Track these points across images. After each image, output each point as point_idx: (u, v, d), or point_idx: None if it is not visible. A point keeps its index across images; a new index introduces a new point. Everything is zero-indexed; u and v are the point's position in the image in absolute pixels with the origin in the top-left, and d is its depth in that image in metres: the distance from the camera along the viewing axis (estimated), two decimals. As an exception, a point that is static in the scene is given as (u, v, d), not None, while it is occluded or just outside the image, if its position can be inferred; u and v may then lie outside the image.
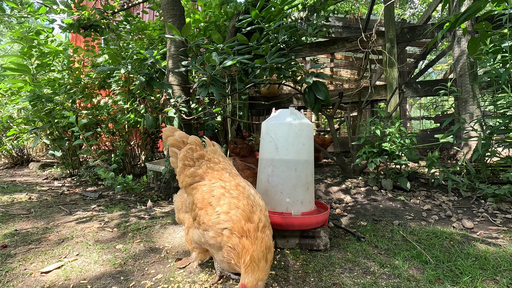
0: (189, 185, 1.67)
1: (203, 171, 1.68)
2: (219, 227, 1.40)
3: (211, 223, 1.43)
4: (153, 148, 4.93)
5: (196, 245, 1.63)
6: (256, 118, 6.86)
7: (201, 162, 1.72)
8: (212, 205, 1.47)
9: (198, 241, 1.56)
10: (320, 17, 5.07)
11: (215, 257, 1.52)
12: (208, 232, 1.44)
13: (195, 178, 1.67)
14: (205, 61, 2.88)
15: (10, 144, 5.92)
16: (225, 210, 1.43)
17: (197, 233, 1.54)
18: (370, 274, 1.70)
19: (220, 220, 1.41)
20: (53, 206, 3.02)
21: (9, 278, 1.64)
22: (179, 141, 1.81)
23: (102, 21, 4.82)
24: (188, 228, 1.69)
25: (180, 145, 1.81)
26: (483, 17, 2.81)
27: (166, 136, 1.87)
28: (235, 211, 1.42)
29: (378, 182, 3.50)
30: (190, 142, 1.78)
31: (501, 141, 3.13)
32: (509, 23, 2.89)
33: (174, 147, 1.83)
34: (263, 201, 1.60)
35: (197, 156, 1.73)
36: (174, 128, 1.91)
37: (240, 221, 1.38)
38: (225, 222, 1.39)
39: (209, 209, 1.47)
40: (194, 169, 1.69)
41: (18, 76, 4.31)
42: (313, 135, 2.24)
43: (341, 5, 8.10)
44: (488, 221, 2.53)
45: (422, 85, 4.96)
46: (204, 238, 1.48)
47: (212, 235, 1.42)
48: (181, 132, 1.85)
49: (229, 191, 1.52)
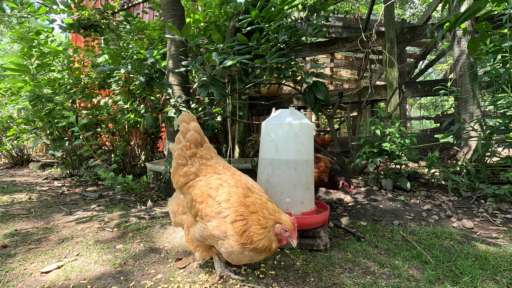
0: (184, 184, 1.67)
1: (196, 169, 1.68)
2: (222, 215, 1.43)
3: (214, 213, 1.45)
4: (153, 148, 4.93)
5: (199, 242, 1.61)
6: (256, 118, 6.86)
7: (194, 160, 1.71)
8: (212, 196, 1.49)
9: (201, 237, 1.55)
10: (320, 17, 5.07)
11: (221, 250, 1.50)
12: (211, 222, 1.45)
13: (189, 176, 1.67)
14: (205, 61, 2.87)
15: (10, 144, 5.92)
16: (225, 198, 1.46)
17: (199, 228, 1.53)
18: (370, 274, 1.70)
19: (222, 208, 1.44)
20: (53, 206, 3.02)
21: (9, 278, 1.64)
22: (187, 132, 1.78)
23: (102, 21, 4.82)
24: (188, 228, 1.67)
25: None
26: (483, 17, 2.81)
27: (181, 120, 1.81)
28: (235, 197, 1.45)
29: (378, 182, 3.50)
30: (187, 138, 1.75)
31: (501, 141, 3.13)
32: (509, 23, 2.89)
33: (181, 135, 1.80)
34: (261, 188, 1.63)
35: (190, 154, 1.72)
36: (193, 117, 1.85)
37: (241, 204, 1.43)
38: (226, 209, 1.43)
39: (210, 200, 1.48)
40: (187, 168, 1.69)
41: (18, 76, 4.30)
42: (313, 135, 2.24)
43: (341, 5, 8.09)
44: (488, 221, 2.53)
45: (422, 85, 4.96)
46: (207, 231, 1.47)
47: (215, 225, 1.43)
48: (197, 125, 1.81)
49: (226, 181, 1.54)
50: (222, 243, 1.45)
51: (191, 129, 1.78)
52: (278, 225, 1.43)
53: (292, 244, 1.45)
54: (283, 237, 1.44)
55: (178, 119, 1.84)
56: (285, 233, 1.43)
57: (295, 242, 1.45)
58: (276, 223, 1.44)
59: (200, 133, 1.80)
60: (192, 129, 1.77)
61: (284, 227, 1.43)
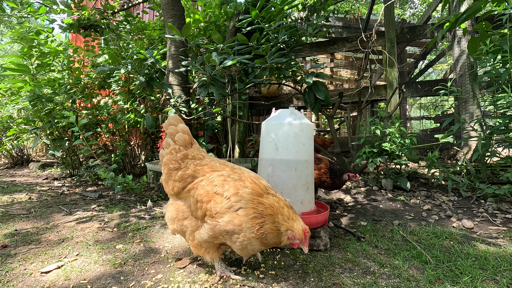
0: (182, 189, 1.63)
1: (192, 171, 1.64)
2: (233, 209, 1.43)
3: (224, 209, 1.44)
4: (153, 148, 4.93)
5: (208, 244, 1.57)
6: (256, 118, 6.86)
7: (187, 162, 1.67)
8: (219, 193, 1.48)
9: (211, 238, 1.52)
10: (320, 17, 5.07)
11: (235, 245, 1.49)
12: (223, 218, 1.44)
13: (187, 180, 1.63)
14: (205, 61, 2.88)
15: (10, 144, 5.92)
16: (233, 192, 1.46)
17: (208, 228, 1.49)
18: (370, 274, 1.70)
19: (232, 202, 1.44)
20: (53, 206, 3.02)
21: (9, 278, 1.64)
22: (175, 134, 1.74)
23: (102, 21, 4.82)
24: (192, 232, 1.60)
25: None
26: (483, 17, 2.82)
27: (168, 123, 1.77)
28: (242, 190, 1.46)
29: (378, 182, 3.50)
30: (176, 139, 1.71)
31: (501, 141, 3.13)
32: (509, 23, 2.89)
33: (170, 138, 1.75)
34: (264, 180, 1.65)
35: (181, 157, 1.68)
36: (180, 119, 1.81)
37: (253, 196, 1.46)
38: (237, 203, 1.43)
39: (217, 198, 1.48)
40: (182, 171, 1.64)
41: (18, 76, 4.30)
42: (313, 135, 2.24)
43: (341, 5, 8.10)
44: (488, 221, 2.53)
45: (422, 85, 4.96)
46: (219, 228, 1.45)
47: (228, 220, 1.43)
48: (185, 126, 1.78)
49: (229, 176, 1.54)
50: (237, 237, 1.44)
51: (180, 130, 1.73)
52: (290, 232, 1.47)
53: (304, 250, 1.50)
54: (295, 243, 1.49)
55: (165, 123, 1.78)
56: (296, 240, 1.48)
57: (306, 249, 1.49)
58: (288, 229, 1.47)
59: (188, 133, 1.76)
60: (180, 130, 1.74)
61: (295, 235, 1.46)
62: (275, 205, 1.49)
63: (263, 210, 1.45)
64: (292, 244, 1.50)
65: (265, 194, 1.52)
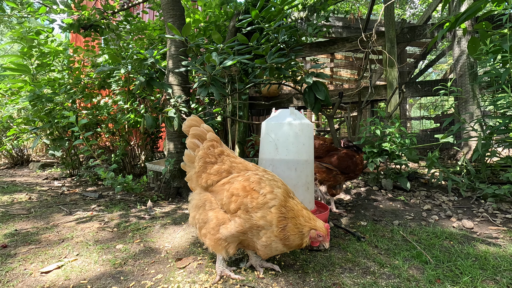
0: (216, 182, 1.71)
1: (228, 166, 1.74)
2: (268, 206, 1.55)
3: (260, 205, 1.54)
4: (153, 148, 4.93)
5: (233, 239, 1.60)
6: (256, 118, 6.85)
7: (223, 158, 1.78)
8: (255, 189, 1.59)
9: (239, 232, 1.57)
10: (320, 17, 5.07)
11: (260, 241, 1.58)
12: (257, 213, 1.54)
13: (222, 174, 1.72)
14: (205, 61, 2.87)
15: (10, 144, 5.91)
16: (269, 190, 1.59)
17: (239, 223, 1.56)
18: (370, 274, 1.70)
19: (267, 199, 1.56)
20: (53, 206, 3.02)
21: (9, 278, 1.64)
22: (204, 133, 1.83)
23: (102, 21, 4.82)
24: (218, 225, 1.61)
25: (205, 137, 1.82)
26: (483, 17, 2.81)
27: (189, 125, 1.85)
28: (277, 189, 1.60)
29: (378, 182, 3.50)
30: (209, 138, 1.81)
31: (501, 141, 3.13)
32: (509, 23, 2.89)
33: (196, 139, 1.83)
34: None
35: (218, 152, 1.78)
36: (200, 120, 1.90)
37: (284, 196, 1.60)
38: (272, 200, 1.56)
39: (254, 194, 1.58)
40: (218, 165, 1.74)
41: (18, 76, 4.30)
42: (313, 135, 2.24)
43: (341, 5, 8.10)
44: (488, 221, 2.53)
45: (422, 85, 4.96)
46: (251, 222, 1.54)
47: (260, 215, 1.54)
48: (207, 126, 1.87)
49: (263, 176, 1.66)
50: (264, 233, 1.55)
51: (206, 130, 1.84)
52: (313, 231, 1.59)
53: (325, 246, 1.62)
54: (317, 241, 1.61)
55: (185, 124, 1.87)
56: (319, 238, 1.59)
57: (327, 244, 1.62)
58: (311, 229, 1.59)
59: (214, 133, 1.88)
60: (207, 130, 1.84)
61: (319, 233, 1.58)
62: (295, 208, 1.61)
63: (285, 213, 1.58)
64: (314, 243, 1.61)
65: (288, 197, 1.65)
